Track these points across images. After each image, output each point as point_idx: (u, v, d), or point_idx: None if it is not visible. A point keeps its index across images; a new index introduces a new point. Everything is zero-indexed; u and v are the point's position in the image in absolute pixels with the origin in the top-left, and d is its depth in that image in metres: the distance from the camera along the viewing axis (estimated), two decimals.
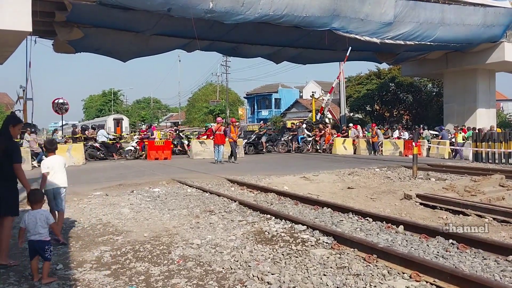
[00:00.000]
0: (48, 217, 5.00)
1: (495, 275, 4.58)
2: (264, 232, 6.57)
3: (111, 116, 44.64)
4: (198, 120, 56.12)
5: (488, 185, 10.11)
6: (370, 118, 40.25)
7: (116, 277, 4.83)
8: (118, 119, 37.35)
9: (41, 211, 5.04)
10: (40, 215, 4.95)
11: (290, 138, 25.26)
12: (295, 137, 25.32)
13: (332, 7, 19.57)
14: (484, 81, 28.08)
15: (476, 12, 23.36)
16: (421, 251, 5.47)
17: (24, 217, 4.96)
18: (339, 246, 5.64)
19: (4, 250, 5.24)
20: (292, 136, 25.46)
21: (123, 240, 6.34)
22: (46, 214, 5.02)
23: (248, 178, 12.92)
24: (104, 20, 19.14)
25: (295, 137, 25.30)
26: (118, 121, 34.62)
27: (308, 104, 45.55)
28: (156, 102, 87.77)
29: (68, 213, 8.14)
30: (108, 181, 12.61)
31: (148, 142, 21.23)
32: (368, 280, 4.48)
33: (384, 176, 13.76)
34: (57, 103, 25.17)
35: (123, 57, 24.76)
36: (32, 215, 4.94)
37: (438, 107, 35.15)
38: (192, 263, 5.21)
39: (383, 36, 21.59)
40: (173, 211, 8.34)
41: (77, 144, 20.08)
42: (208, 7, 17.18)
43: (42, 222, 4.89)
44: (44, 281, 4.66)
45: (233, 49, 26.66)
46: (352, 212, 7.81)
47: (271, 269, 4.85)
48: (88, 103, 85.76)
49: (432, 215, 8.26)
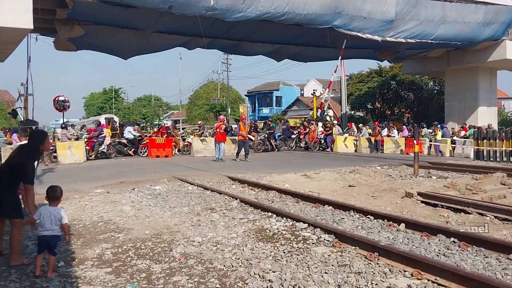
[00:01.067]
0: (63, 217, 5.07)
1: (497, 273, 4.58)
2: (265, 230, 6.56)
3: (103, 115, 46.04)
4: (199, 118, 56.11)
5: (489, 183, 10.11)
6: (371, 116, 40.22)
7: (118, 274, 4.84)
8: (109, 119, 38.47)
9: (58, 209, 5.10)
10: (56, 212, 5.03)
11: (267, 137, 24.10)
12: (272, 135, 24.43)
13: (334, 5, 19.54)
14: (485, 79, 28.05)
15: (477, 10, 23.32)
16: (423, 249, 5.47)
17: (40, 210, 5.01)
18: (340, 244, 5.64)
19: (16, 250, 5.25)
20: (269, 134, 24.36)
21: (124, 238, 6.35)
22: (61, 213, 5.08)
23: (249, 176, 12.91)
24: (105, 17, 19.13)
25: (272, 135, 24.45)
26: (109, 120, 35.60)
27: (309, 102, 45.55)
28: (157, 100, 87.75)
29: (69, 211, 8.17)
30: (109, 179, 12.61)
31: (149, 140, 21.26)
32: (369, 278, 4.47)
33: (385, 174, 13.76)
34: (58, 100, 25.15)
35: (124, 54, 24.74)
36: (48, 210, 5.00)
37: (439, 105, 35.12)
38: (193, 261, 5.21)
39: (385, 34, 21.56)
40: (174, 209, 8.34)
41: (78, 141, 20.12)
42: (209, 5, 17.16)
43: (56, 220, 4.98)
44: (49, 275, 4.77)
45: (234, 47, 26.61)
46: (353, 210, 7.81)
47: (272, 267, 4.84)
48: (89, 101, 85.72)
49: (433, 213, 8.27)
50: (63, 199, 7.90)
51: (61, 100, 25.22)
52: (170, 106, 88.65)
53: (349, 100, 39.52)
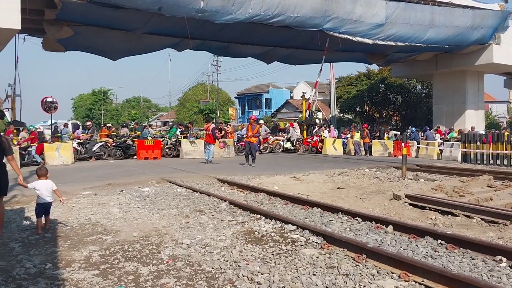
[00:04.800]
0: (52, 186, 6.91)
1: (483, 275, 4.62)
2: (254, 232, 6.56)
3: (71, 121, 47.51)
4: (188, 119, 55.91)
5: (476, 185, 10.20)
6: (360, 119, 40.42)
7: (105, 276, 4.80)
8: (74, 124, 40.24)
9: (48, 181, 6.92)
10: (49, 184, 6.90)
11: None
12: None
13: (324, 8, 19.60)
14: (473, 83, 28.33)
15: (465, 14, 23.58)
16: (410, 251, 5.50)
17: (35, 185, 6.86)
18: (328, 246, 5.65)
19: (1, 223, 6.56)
20: None
21: (112, 240, 6.31)
22: (51, 184, 6.91)
23: (238, 178, 12.91)
24: (94, 18, 19.00)
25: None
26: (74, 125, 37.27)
27: (298, 104, 45.57)
28: (146, 102, 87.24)
29: (56, 213, 8.11)
30: (97, 180, 12.53)
31: (137, 141, 21.14)
32: (357, 279, 4.49)
33: (374, 177, 13.83)
34: (46, 101, 24.89)
35: (113, 55, 24.63)
36: (42, 183, 6.85)
37: (428, 108, 35.38)
38: (182, 263, 5.19)
39: (375, 37, 21.69)
40: (163, 211, 8.31)
41: (66, 143, 19.96)
42: (199, 6, 17.12)
43: (50, 189, 6.88)
44: (47, 226, 6.89)
45: (224, 49, 26.61)
46: (342, 212, 7.84)
47: (260, 269, 4.85)
48: (77, 102, 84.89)
49: (421, 215, 8.31)
50: None
51: (49, 101, 24.92)
52: (159, 108, 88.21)
53: (338, 103, 39.67)
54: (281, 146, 24.90)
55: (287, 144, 25.13)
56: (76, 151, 20.11)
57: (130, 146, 21.36)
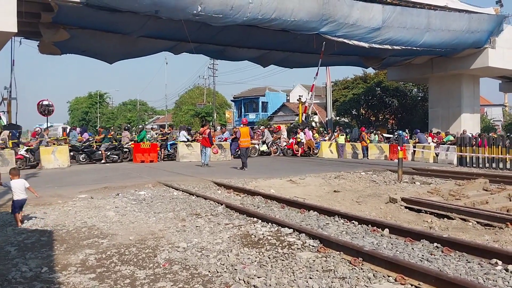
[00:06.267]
0: (25, 184, 7.52)
1: (479, 278, 4.63)
2: (250, 235, 6.56)
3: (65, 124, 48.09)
4: (184, 122, 55.85)
5: (472, 189, 10.23)
6: (356, 122, 40.51)
7: (101, 280, 4.79)
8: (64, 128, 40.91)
9: (20, 180, 7.56)
10: (21, 182, 7.51)
11: None
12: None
13: (321, 12, 19.68)
14: (468, 86, 28.48)
15: (461, 18, 23.75)
16: (406, 254, 5.51)
17: (8, 183, 7.45)
18: (325, 249, 5.66)
19: None
20: None
21: (108, 243, 6.29)
22: (24, 182, 7.54)
23: (234, 181, 12.90)
24: (90, 21, 19.00)
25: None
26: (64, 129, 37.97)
27: (295, 107, 45.68)
28: (143, 105, 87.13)
29: (52, 216, 8.09)
30: (93, 184, 12.50)
31: (134, 144, 21.09)
32: (353, 283, 4.50)
33: (370, 180, 13.85)
34: (42, 104, 24.88)
35: (110, 58, 24.61)
36: (16, 182, 7.44)
37: (423, 111, 35.52)
38: (178, 267, 5.18)
39: (371, 40, 21.79)
40: (159, 214, 8.30)
41: (62, 146, 19.88)
42: (196, 10, 17.14)
43: (22, 187, 7.46)
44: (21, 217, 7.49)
45: (221, 52, 26.64)
46: (338, 215, 7.84)
47: (257, 272, 4.84)
48: (73, 105, 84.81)
49: (417, 218, 8.33)
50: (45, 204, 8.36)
51: (45, 104, 24.96)
52: (155, 111, 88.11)
53: (334, 106, 39.76)
54: (257, 150, 24.44)
55: (262, 147, 25.12)
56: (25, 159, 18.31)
57: (95, 151, 20.64)
